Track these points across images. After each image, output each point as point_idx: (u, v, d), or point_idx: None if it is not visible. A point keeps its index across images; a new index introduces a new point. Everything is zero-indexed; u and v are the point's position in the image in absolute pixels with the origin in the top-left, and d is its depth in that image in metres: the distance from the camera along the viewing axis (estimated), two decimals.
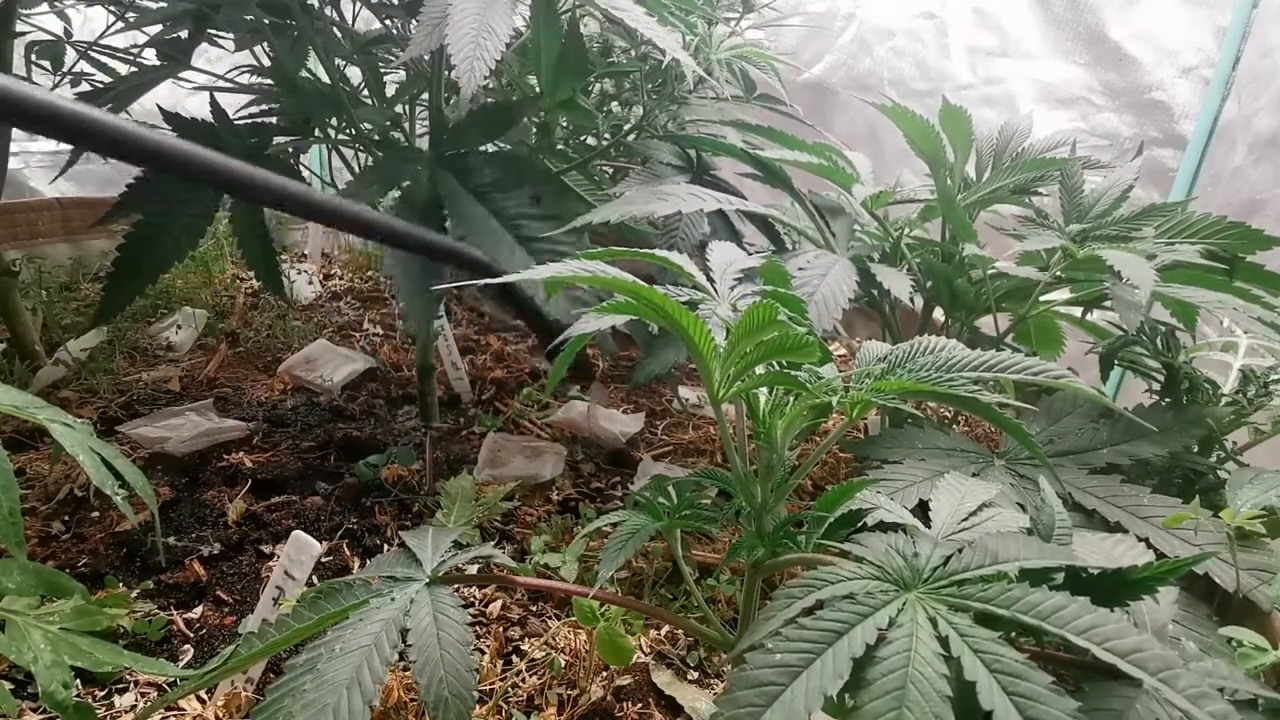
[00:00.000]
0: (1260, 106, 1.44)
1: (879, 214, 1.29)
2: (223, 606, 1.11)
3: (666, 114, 1.33)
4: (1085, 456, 1.01)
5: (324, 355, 1.83)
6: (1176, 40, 1.62)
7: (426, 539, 0.77)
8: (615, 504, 1.42)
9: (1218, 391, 1.07)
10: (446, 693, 0.63)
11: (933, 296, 1.34)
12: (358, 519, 1.30)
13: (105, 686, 0.96)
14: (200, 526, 1.25)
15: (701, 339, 0.56)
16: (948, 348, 0.62)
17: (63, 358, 1.66)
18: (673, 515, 0.76)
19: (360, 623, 0.67)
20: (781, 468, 0.66)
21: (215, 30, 1.36)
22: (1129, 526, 0.88)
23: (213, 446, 1.45)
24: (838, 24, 2.29)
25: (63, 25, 1.51)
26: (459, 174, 1.17)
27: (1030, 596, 0.47)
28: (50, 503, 1.26)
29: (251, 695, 0.94)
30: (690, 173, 1.32)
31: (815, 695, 0.44)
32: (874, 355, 0.67)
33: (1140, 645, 0.43)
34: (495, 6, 0.93)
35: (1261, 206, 1.42)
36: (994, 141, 1.33)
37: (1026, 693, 0.42)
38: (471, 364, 1.88)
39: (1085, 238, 1.09)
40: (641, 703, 0.99)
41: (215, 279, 2.22)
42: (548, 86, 1.18)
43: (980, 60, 1.99)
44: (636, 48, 1.34)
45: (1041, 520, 0.62)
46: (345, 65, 1.39)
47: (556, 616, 1.12)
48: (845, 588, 0.51)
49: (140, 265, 1.25)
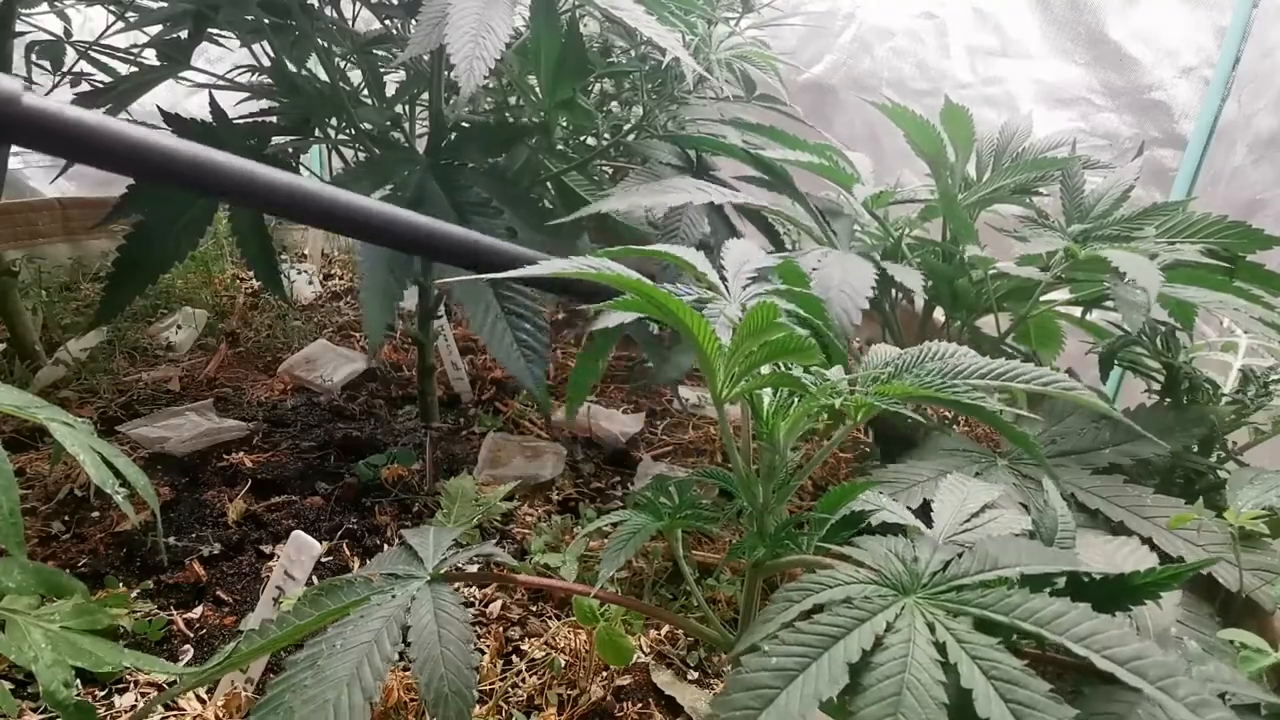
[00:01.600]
0: (1260, 106, 1.44)
1: (879, 214, 1.29)
2: (223, 606, 1.11)
3: (666, 114, 1.32)
4: (1087, 457, 1.01)
5: (324, 355, 1.83)
6: (1176, 40, 1.61)
7: (428, 537, 0.77)
8: (615, 504, 1.42)
9: (1218, 391, 1.07)
10: (447, 690, 0.63)
11: (933, 297, 1.34)
12: (358, 519, 1.30)
13: (105, 686, 0.96)
14: (200, 526, 1.25)
15: (705, 338, 0.56)
16: (956, 354, 0.62)
17: (63, 358, 1.66)
18: (673, 515, 0.76)
19: (361, 619, 0.67)
20: (783, 468, 0.66)
21: (215, 30, 1.36)
22: (1132, 526, 0.88)
23: (213, 446, 1.45)
24: (838, 24, 2.29)
25: (63, 25, 1.51)
26: (448, 185, 1.16)
27: (1029, 603, 0.46)
28: (50, 503, 1.26)
29: (251, 695, 0.94)
30: (690, 173, 1.32)
31: (810, 700, 0.44)
32: (881, 359, 0.67)
33: (1140, 653, 0.43)
34: (495, 6, 0.92)
35: (1261, 206, 1.42)
36: (994, 141, 1.33)
37: (1024, 700, 0.42)
38: (471, 364, 1.87)
39: (1087, 238, 1.09)
40: (641, 703, 0.99)
41: (215, 279, 2.22)
42: (547, 86, 1.18)
43: (980, 60, 1.98)
44: (636, 48, 1.34)
45: (1044, 523, 0.61)
46: (345, 65, 1.39)
47: (556, 616, 1.12)
48: (843, 592, 0.50)
49: (140, 265, 1.25)
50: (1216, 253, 1.06)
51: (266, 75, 1.40)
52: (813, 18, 2.25)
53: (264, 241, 1.36)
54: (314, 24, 1.27)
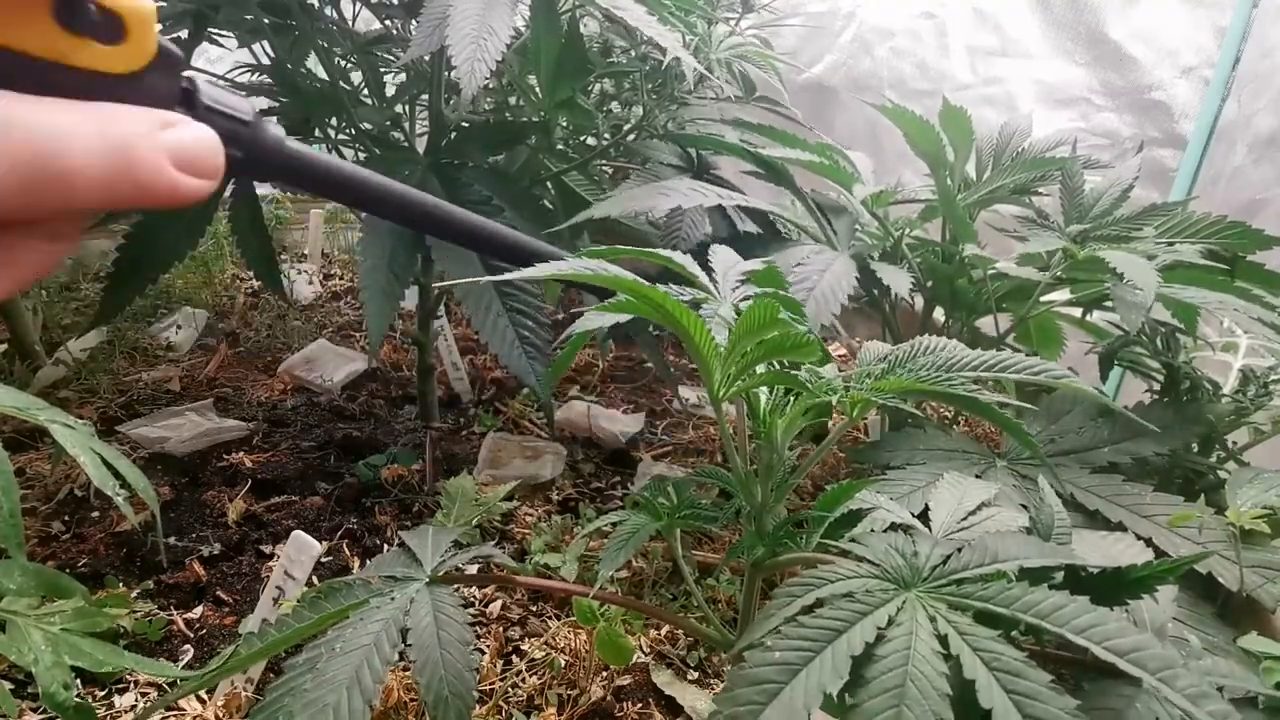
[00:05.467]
0: (1260, 106, 1.44)
1: (880, 214, 1.29)
2: (223, 606, 1.11)
3: (666, 114, 1.32)
4: (1086, 455, 1.01)
5: (324, 355, 1.83)
6: (1176, 40, 1.61)
7: (426, 538, 0.77)
8: (615, 504, 1.42)
9: (1218, 391, 1.07)
10: (446, 692, 0.63)
11: (933, 297, 1.34)
12: (358, 519, 1.30)
13: (105, 686, 0.96)
14: (200, 526, 1.25)
15: (702, 338, 0.56)
16: (948, 348, 0.62)
17: (63, 358, 1.66)
18: (673, 515, 0.76)
19: (360, 622, 0.67)
20: (781, 467, 0.66)
21: (215, 30, 1.36)
22: (1131, 526, 0.88)
23: (213, 446, 1.46)
24: (838, 24, 2.29)
25: None
26: (448, 185, 1.16)
27: (1029, 595, 0.47)
28: (50, 503, 1.26)
29: (251, 695, 0.94)
30: (691, 173, 1.32)
31: (815, 693, 0.44)
32: (874, 355, 0.67)
33: (1139, 644, 0.43)
34: (496, 7, 0.93)
35: (1261, 206, 1.42)
36: (994, 141, 1.33)
37: (1026, 691, 0.42)
38: (471, 364, 1.88)
39: (1086, 238, 1.09)
40: (641, 703, 0.99)
41: (215, 279, 2.22)
42: (547, 86, 1.18)
43: (980, 60, 1.99)
44: (636, 47, 1.34)
45: (1041, 520, 0.62)
46: (345, 65, 1.39)
47: (556, 616, 1.12)
48: (845, 586, 0.51)
49: (140, 265, 1.25)
50: (1216, 253, 1.06)
51: (266, 75, 1.40)
52: (813, 18, 2.25)
53: (264, 241, 1.36)
54: (314, 24, 1.27)
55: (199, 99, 0.31)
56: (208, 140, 0.29)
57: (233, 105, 0.33)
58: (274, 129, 0.36)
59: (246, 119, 0.33)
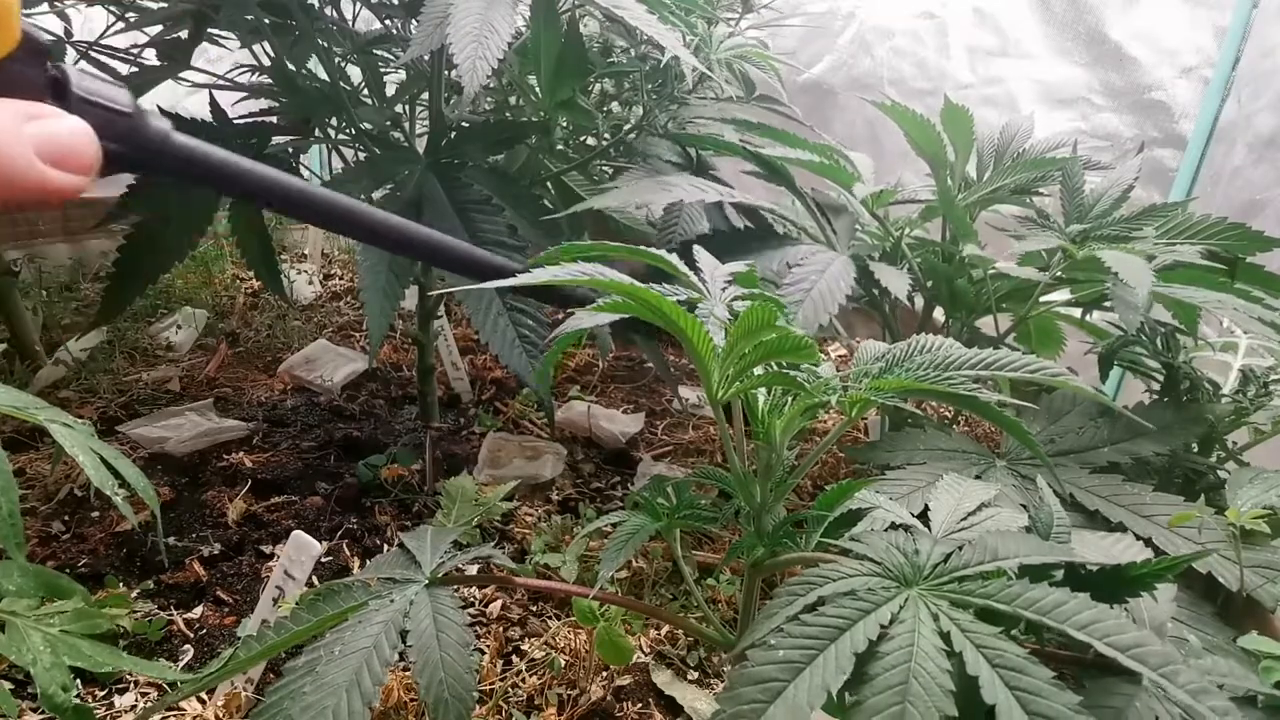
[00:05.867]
0: (1260, 106, 1.44)
1: (880, 214, 1.29)
2: (223, 607, 1.11)
3: (666, 114, 1.33)
4: (1086, 455, 1.01)
5: (324, 355, 1.83)
6: (1176, 40, 1.62)
7: (425, 540, 0.77)
8: (615, 504, 1.42)
9: (1218, 391, 1.07)
10: (446, 694, 0.63)
11: (933, 296, 1.34)
12: (358, 519, 1.30)
13: (105, 687, 0.96)
14: (200, 526, 1.25)
15: (700, 339, 0.56)
16: (944, 346, 0.62)
17: (63, 358, 1.66)
18: (672, 515, 0.76)
19: (359, 625, 0.67)
20: (780, 467, 0.66)
21: (215, 30, 1.36)
22: (1131, 526, 0.88)
23: (213, 446, 1.45)
24: (838, 24, 2.29)
25: (63, 25, 1.51)
26: (447, 183, 1.16)
27: (1031, 592, 0.47)
28: (50, 503, 1.26)
29: (251, 695, 0.94)
30: (690, 172, 1.32)
31: (818, 691, 0.44)
32: (872, 354, 0.67)
33: (1140, 640, 0.43)
34: (497, 6, 0.92)
35: (1261, 207, 1.42)
36: (994, 141, 1.33)
37: (1028, 687, 0.42)
38: (471, 364, 1.88)
39: (1085, 238, 1.09)
40: (641, 703, 0.99)
41: (215, 279, 2.22)
42: (547, 86, 1.18)
43: (980, 60, 1.99)
44: (636, 47, 1.34)
45: (1040, 519, 0.62)
46: (345, 65, 1.39)
47: (556, 616, 1.12)
48: (847, 584, 0.51)
49: (140, 265, 1.25)
50: (1216, 254, 1.06)
51: (266, 75, 1.40)
52: (813, 18, 2.25)
53: (264, 241, 1.36)
54: (314, 24, 1.27)
55: (70, 90, 0.29)
56: (80, 133, 0.28)
57: (108, 96, 0.31)
58: (158, 121, 0.33)
59: (124, 110, 0.31)
